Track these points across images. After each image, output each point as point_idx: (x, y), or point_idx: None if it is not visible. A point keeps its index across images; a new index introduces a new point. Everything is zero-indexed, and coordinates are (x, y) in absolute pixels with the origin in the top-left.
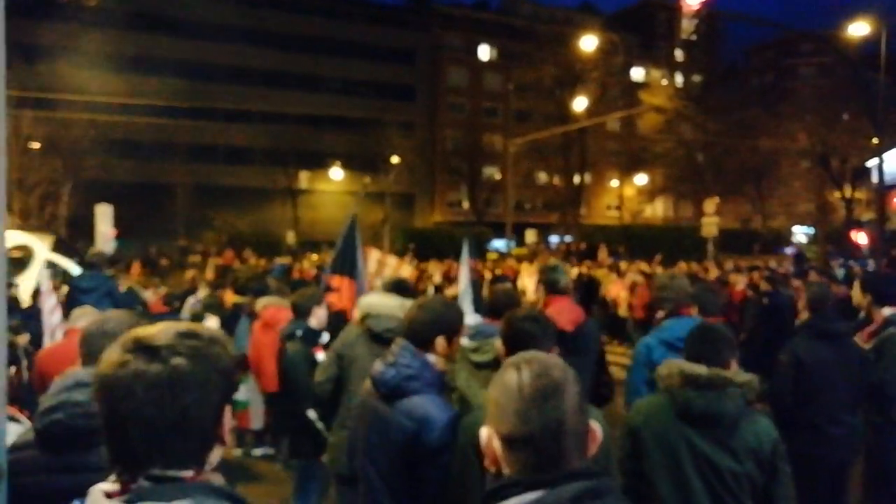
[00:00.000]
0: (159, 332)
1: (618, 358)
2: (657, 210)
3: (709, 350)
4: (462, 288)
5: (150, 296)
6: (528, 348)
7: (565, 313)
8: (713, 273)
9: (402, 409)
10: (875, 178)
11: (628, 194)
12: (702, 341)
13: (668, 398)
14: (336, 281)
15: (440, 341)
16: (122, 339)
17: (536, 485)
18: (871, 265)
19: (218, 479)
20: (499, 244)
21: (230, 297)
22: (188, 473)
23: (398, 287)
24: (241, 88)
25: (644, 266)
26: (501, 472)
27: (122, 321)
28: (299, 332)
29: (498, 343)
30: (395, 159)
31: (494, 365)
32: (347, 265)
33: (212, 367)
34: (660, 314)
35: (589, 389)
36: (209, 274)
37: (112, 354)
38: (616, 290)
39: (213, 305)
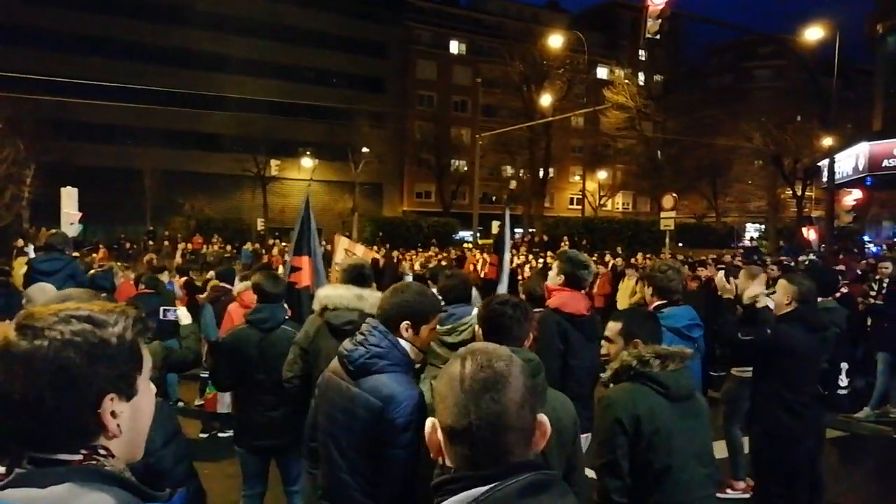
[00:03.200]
0: (49, 311)
1: None
2: (618, 204)
3: (656, 331)
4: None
5: (119, 279)
6: (504, 333)
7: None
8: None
9: (367, 386)
10: (825, 178)
11: (590, 189)
12: (650, 323)
13: (641, 384)
14: (297, 261)
15: (405, 326)
16: (18, 316)
17: (479, 481)
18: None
19: (116, 466)
20: (465, 235)
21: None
22: (75, 458)
23: (357, 276)
24: (212, 75)
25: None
26: (442, 463)
27: (83, 299)
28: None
29: (477, 328)
30: (364, 150)
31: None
32: (305, 245)
33: (92, 351)
34: (658, 302)
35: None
36: (177, 258)
37: (7, 331)
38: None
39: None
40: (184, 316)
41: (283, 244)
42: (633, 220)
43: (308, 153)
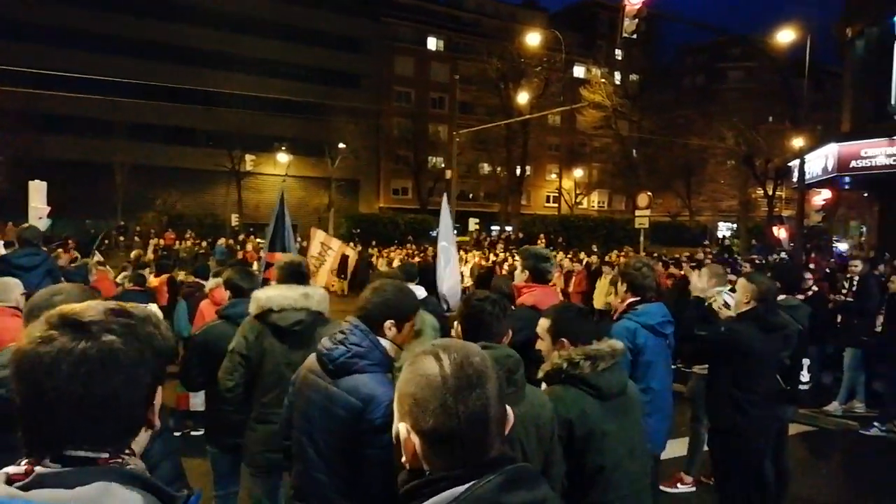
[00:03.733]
0: (88, 307)
1: None
2: (593, 202)
3: (590, 328)
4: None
5: (93, 275)
6: (484, 329)
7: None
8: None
9: (346, 386)
10: (795, 178)
11: (567, 187)
12: (580, 321)
13: (572, 386)
14: (272, 257)
15: (388, 325)
16: (47, 314)
17: (458, 480)
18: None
19: (138, 465)
20: None
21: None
22: (102, 456)
23: (295, 273)
24: (186, 68)
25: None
26: (416, 468)
27: (73, 294)
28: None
29: (456, 325)
30: (341, 146)
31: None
32: (280, 241)
33: (145, 346)
34: (632, 299)
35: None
36: (149, 254)
37: (35, 330)
38: (553, 278)
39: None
40: (155, 310)
41: (258, 240)
42: (608, 218)
43: (283, 148)
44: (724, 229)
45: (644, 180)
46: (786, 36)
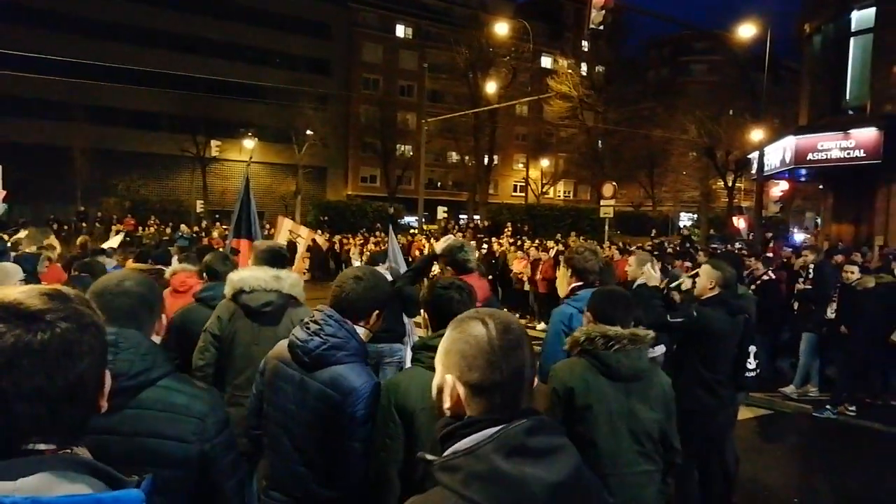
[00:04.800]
0: (26, 295)
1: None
2: (559, 192)
3: (621, 312)
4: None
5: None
6: (452, 316)
7: (475, 290)
8: (610, 251)
9: (325, 378)
10: (755, 169)
11: (534, 176)
12: (613, 305)
13: (588, 360)
14: (237, 244)
15: (376, 314)
16: None
17: (492, 423)
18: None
19: (84, 453)
20: (410, 220)
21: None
22: (49, 446)
23: (275, 257)
24: (150, 50)
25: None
26: (456, 415)
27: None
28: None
29: (423, 312)
30: (308, 132)
31: None
32: (245, 227)
33: (93, 328)
34: (575, 283)
35: None
36: (110, 241)
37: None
38: (520, 266)
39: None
40: None
41: (224, 227)
42: (573, 207)
43: (250, 134)
44: (685, 219)
45: (609, 171)
46: (747, 31)
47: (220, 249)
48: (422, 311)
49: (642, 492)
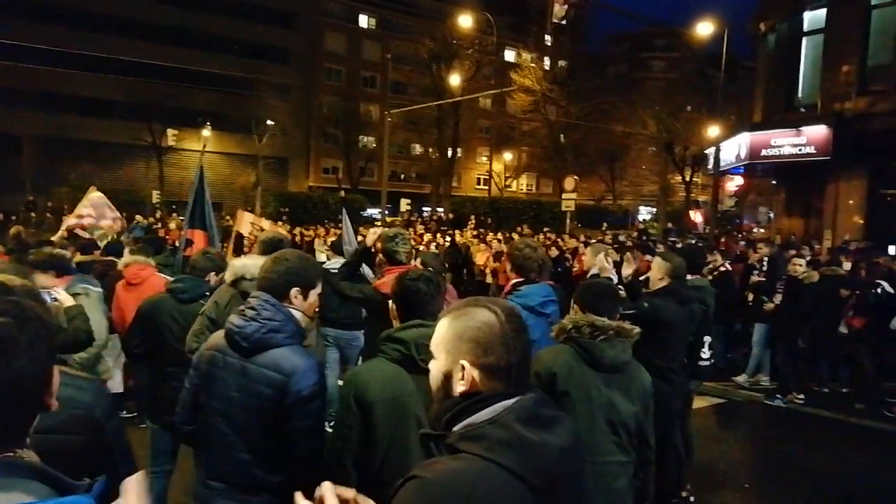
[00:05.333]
0: None
1: None
2: (522, 185)
3: (608, 305)
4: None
5: None
6: (421, 308)
7: (444, 283)
8: (571, 244)
9: (266, 361)
10: (711, 165)
11: (497, 169)
12: (600, 297)
13: (573, 348)
14: (191, 234)
15: (294, 293)
16: None
17: (505, 397)
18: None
19: (31, 456)
20: (373, 212)
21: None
22: None
23: (277, 247)
24: (103, 36)
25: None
26: (471, 394)
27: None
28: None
29: (391, 304)
30: (269, 122)
31: None
32: (198, 218)
33: (35, 322)
34: (516, 279)
35: None
36: (61, 232)
37: None
38: (482, 258)
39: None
40: (64, 298)
41: (181, 218)
42: (536, 200)
43: (208, 123)
44: (644, 213)
45: (571, 164)
46: (705, 29)
47: (177, 241)
48: (390, 302)
49: (615, 482)
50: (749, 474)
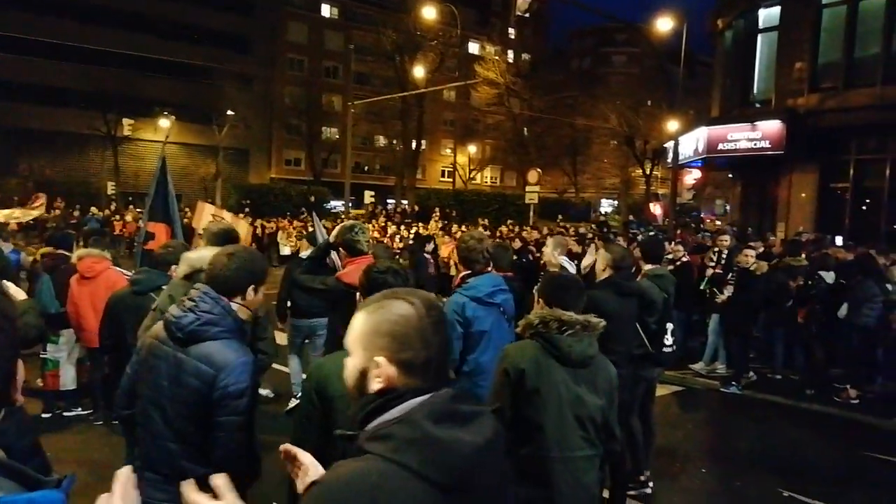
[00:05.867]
0: None
1: None
2: (486, 178)
3: (574, 298)
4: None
5: None
6: None
7: (410, 275)
8: (534, 235)
9: (198, 354)
10: (670, 158)
11: (461, 162)
12: (565, 291)
13: (540, 343)
14: (152, 227)
15: (252, 290)
16: None
17: (424, 391)
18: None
19: None
20: (336, 204)
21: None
22: None
23: (228, 239)
24: (57, 21)
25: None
26: (388, 390)
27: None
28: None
29: (358, 296)
30: (229, 112)
31: None
32: (160, 211)
33: (1, 317)
34: (464, 272)
35: None
36: (11, 224)
37: None
38: (447, 250)
39: None
40: (15, 292)
41: (138, 210)
42: (500, 193)
43: (166, 113)
44: (606, 206)
45: (534, 157)
46: (665, 25)
47: (134, 234)
48: (357, 294)
49: (584, 476)
50: (706, 459)
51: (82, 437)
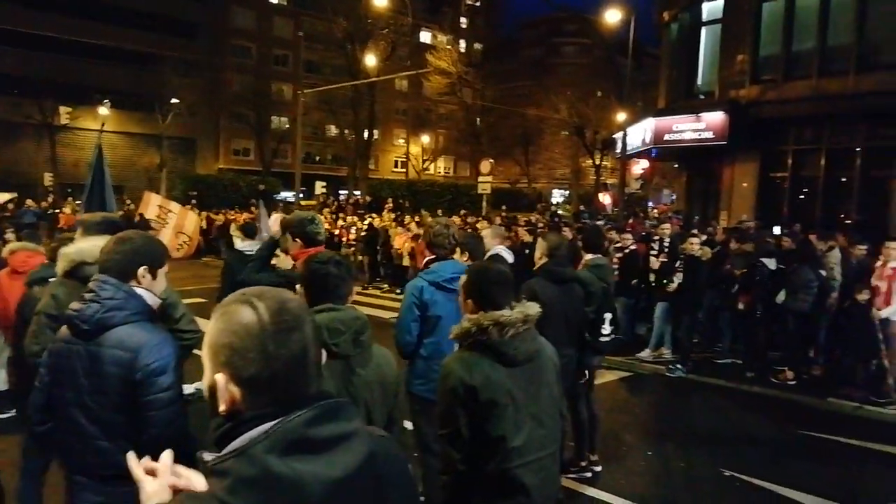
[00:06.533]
0: None
1: (399, 304)
2: (440, 168)
3: (505, 292)
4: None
5: None
6: (327, 291)
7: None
8: (483, 225)
9: (112, 341)
10: (619, 149)
11: (414, 152)
12: (495, 286)
13: (481, 350)
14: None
15: (142, 272)
16: None
17: (272, 416)
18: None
19: None
20: (287, 195)
21: None
22: None
23: (111, 227)
24: None
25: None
26: (235, 413)
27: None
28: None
29: (299, 288)
30: (174, 101)
31: None
32: (97, 201)
33: None
34: (429, 257)
35: None
36: None
37: None
38: (400, 241)
39: None
40: None
41: (77, 202)
42: (453, 183)
43: (106, 101)
44: (557, 196)
45: (487, 148)
46: (613, 16)
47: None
48: (297, 286)
49: (549, 473)
50: (652, 441)
51: (17, 438)
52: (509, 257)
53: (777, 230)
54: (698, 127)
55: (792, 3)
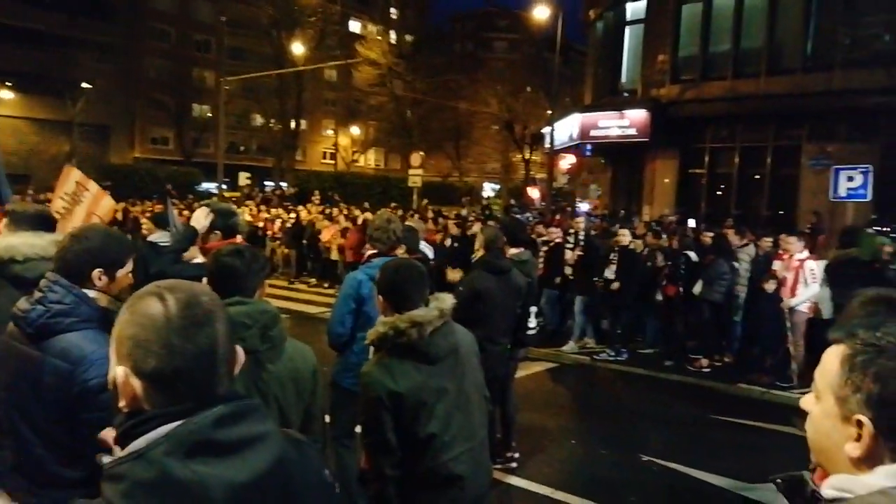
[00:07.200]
0: None
1: (328, 299)
2: (370, 160)
3: (418, 288)
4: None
5: None
6: (234, 284)
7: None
8: (413, 221)
9: (53, 348)
10: (547, 144)
11: (343, 144)
12: (407, 283)
13: (402, 354)
14: None
15: (97, 274)
16: None
17: (176, 416)
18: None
19: None
20: (209, 186)
21: None
22: None
23: (42, 221)
24: None
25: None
26: (136, 411)
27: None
28: None
29: (205, 280)
30: (85, 85)
31: None
32: None
33: None
34: (370, 252)
35: None
36: None
37: None
38: (329, 234)
39: None
40: None
41: None
42: (383, 176)
43: (9, 85)
44: (488, 189)
45: (417, 140)
46: (542, 13)
47: None
48: (204, 279)
49: (480, 462)
50: (575, 430)
51: None
52: (430, 252)
53: (692, 223)
54: (622, 124)
55: (709, 6)
